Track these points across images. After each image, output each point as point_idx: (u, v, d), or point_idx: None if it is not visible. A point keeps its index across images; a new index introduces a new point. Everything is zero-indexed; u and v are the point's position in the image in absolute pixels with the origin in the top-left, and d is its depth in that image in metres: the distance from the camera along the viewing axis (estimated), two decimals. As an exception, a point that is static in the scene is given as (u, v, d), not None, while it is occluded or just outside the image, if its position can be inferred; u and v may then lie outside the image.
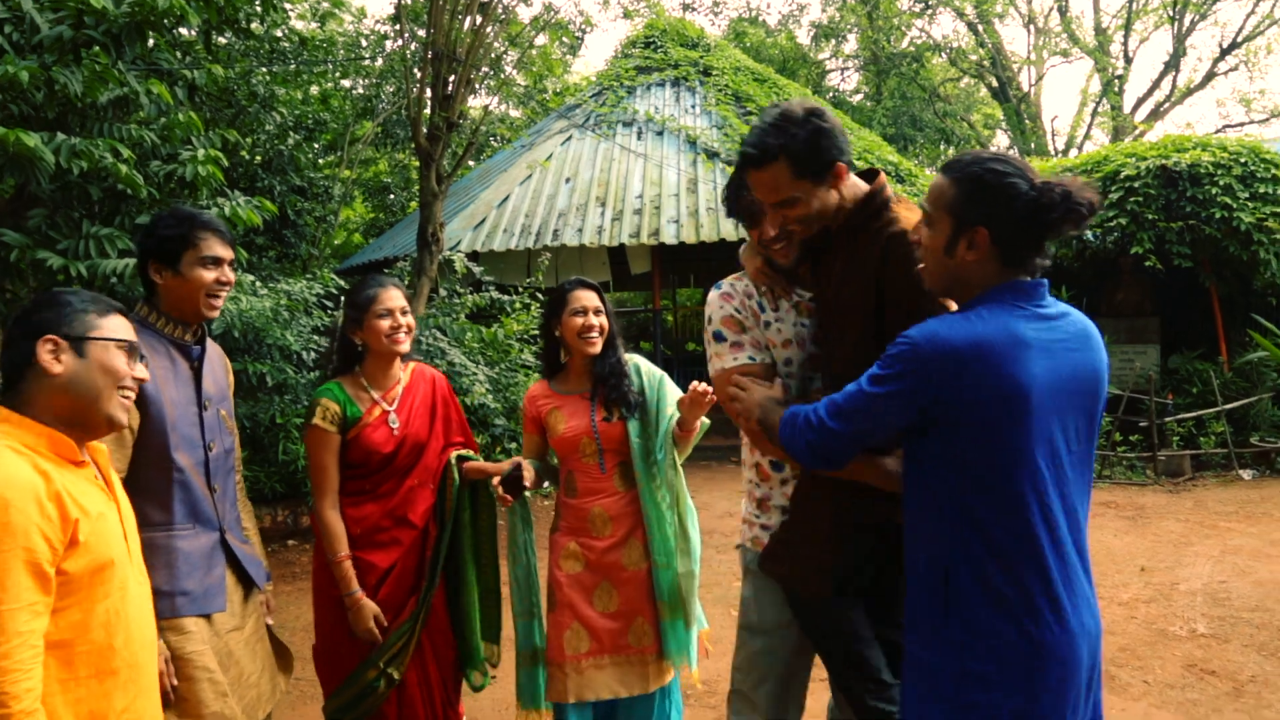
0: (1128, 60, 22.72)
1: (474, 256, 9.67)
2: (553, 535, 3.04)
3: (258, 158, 8.46)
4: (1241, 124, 22.78)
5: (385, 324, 2.82)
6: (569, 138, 12.15)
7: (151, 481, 2.24)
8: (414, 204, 16.55)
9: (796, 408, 1.88)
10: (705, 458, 9.52)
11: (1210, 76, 22.65)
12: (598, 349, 2.91)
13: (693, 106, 12.78)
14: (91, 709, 1.63)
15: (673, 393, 3.01)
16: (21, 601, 1.49)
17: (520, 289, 8.79)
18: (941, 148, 21.36)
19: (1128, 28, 22.41)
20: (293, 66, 8.97)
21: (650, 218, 10.59)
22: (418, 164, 16.45)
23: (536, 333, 8.39)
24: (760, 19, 24.05)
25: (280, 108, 8.74)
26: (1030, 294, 1.72)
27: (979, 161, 1.71)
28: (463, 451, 2.99)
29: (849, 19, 22.80)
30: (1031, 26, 23.64)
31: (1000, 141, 25.34)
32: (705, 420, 2.93)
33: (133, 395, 1.78)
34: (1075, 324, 1.75)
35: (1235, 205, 8.63)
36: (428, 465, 2.93)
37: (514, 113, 15.95)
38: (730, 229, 10.23)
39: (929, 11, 22.55)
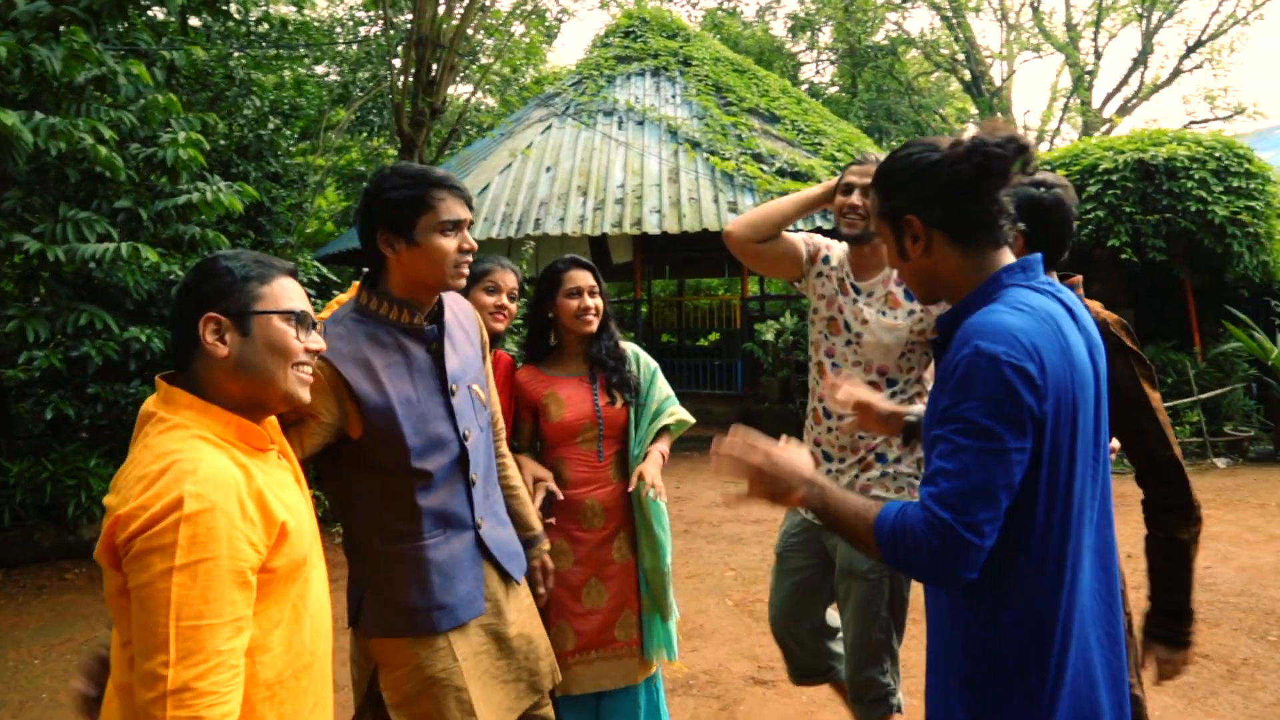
0: (1097, 56, 23.00)
1: (454, 245, 9.55)
2: None
3: (236, 141, 8.29)
4: (1206, 120, 23.08)
5: (489, 299, 2.75)
6: (549, 126, 12.06)
7: (394, 493, 1.98)
8: (388, 193, 16.40)
9: (894, 518, 1.43)
10: (688, 448, 9.50)
11: (1177, 73, 22.95)
12: (594, 329, 2.83)
13: (673, 96, 12.74)
14: (292, 709, 1.51)
15: (663, 387, 2.98)
16: (224, 617, 1.32)
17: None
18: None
19: (1098, 24, 22.66)
20: (271, 51, 8.81)
21: (632, 207, 10.54)
22: (394, 152, 16.41)
23: (519, 321, 8.34)
24: (738, 10, 24.03)
25: (258, 92, 8.57)
26: (1027, 272, 1.55)
27: (889, 159, 1.63)
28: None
29: (825, 11, 22.84)
30: (1004, 22, 23.83)
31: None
32: (688, 418, 2.97)
33: (311, 367, 1.58)
34: (1068, 299, 1.59)
35: (1210, 199, 8.73)
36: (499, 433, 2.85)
37: (489, 101, 15.85)
38: (713, 219, 10.22)
39: (904, 5, 22.65)
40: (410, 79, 8.16)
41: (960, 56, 23.42)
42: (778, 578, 2.89)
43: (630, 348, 2.97)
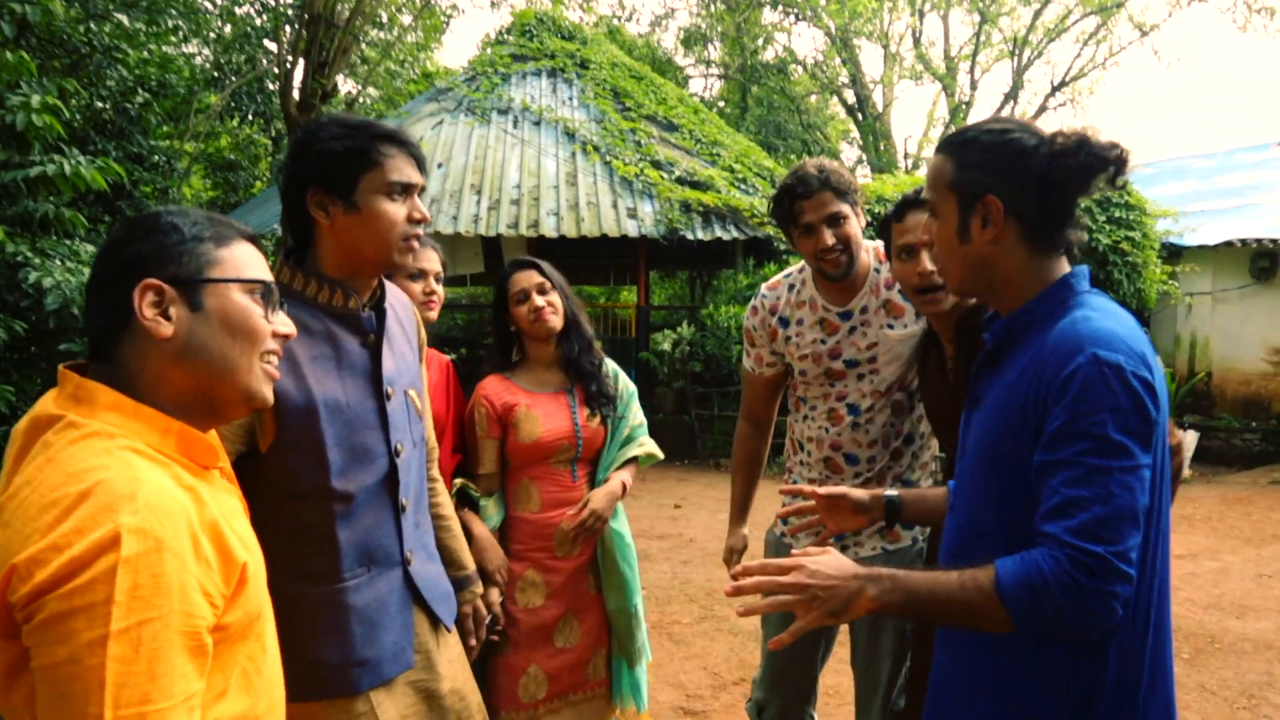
0: (973, 88, 24.01)
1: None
2: None
3: (95, 115, 7.49)
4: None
5: (416, 287, 2.36)
6: (440, 121, 11.54)
7: (308, 521, 1.60)
8: (260, 184, 15.45)
9: (1014, 573, 1.23)
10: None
11: (1043, 109, 24.19)
12: (557, 326, 2.53)
13: (570, 99, 12.44)
14: None
15: (638, 414, 2.72)
16: (177, 696, 0.97)
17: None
18: (805, 158, 21.91)
19: (974, 58, 23.67)
20: (141, 19, 8.04)
21: (529, 209, 10.17)
22: (267, 140, 15.46)
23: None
24: (633, 17, 23.99)
25: (123, 62, 7.80)
26: (1085, 283, 1.42)
27: (974, 128, 1.46)
28: (466, 485, 2.51)
29: (716, 27, 23.04)
30: (886, 49, 24.61)
31: (852, 156, 26.28)
32: (656, 452, 2.73)
33: (278, 358, 1.25)
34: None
35: (1094, 228, 9.08)
36: (445, 456, 2.44)
37: (372, 92, 15.15)
38: (612, 225, 9.96)
39: (793, 25, 23.10)
40: (300, 60, 7.57)
41: (845, 79, 24.03)
42: (780, 627, 2.57)
43: (610, 365, 2.68)
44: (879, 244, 2.40)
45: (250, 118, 14.55)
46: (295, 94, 7.56)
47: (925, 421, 2.44)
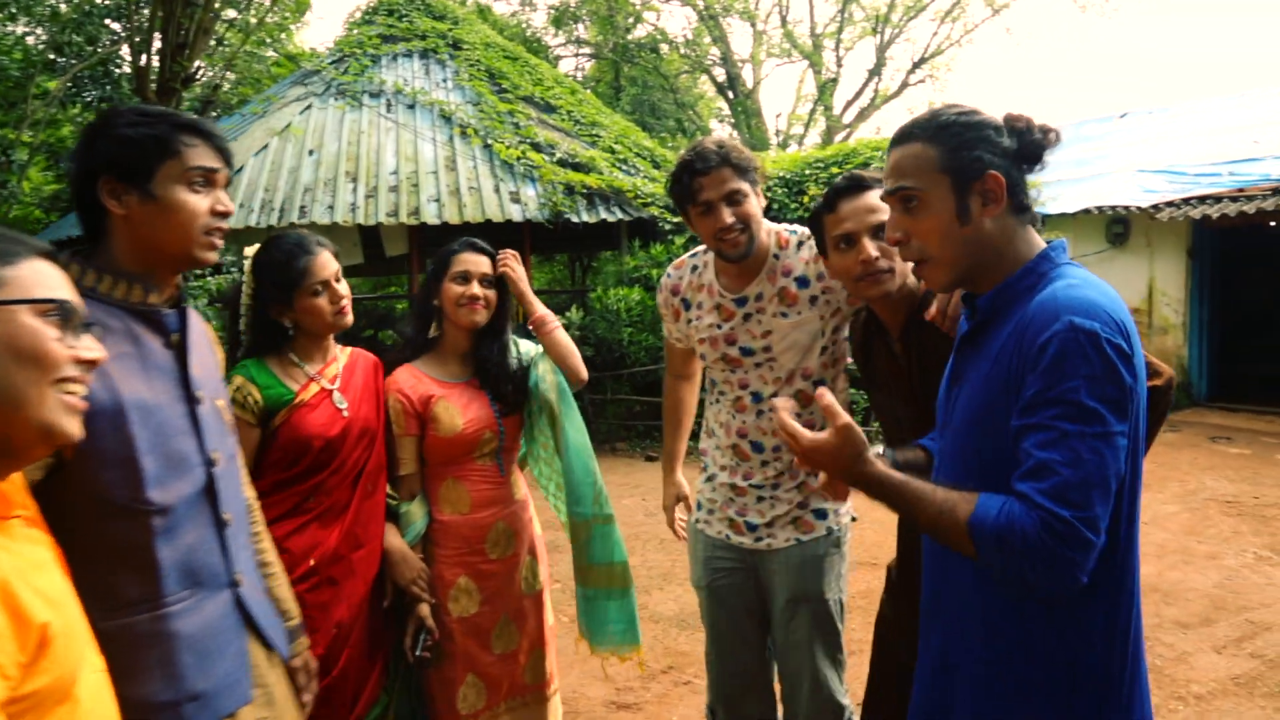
0: (838, 65, 24.66)
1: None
2: (432, 568, 2.40)
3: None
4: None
5: (323, 301, 2.17)
6: (308, 106, 11.02)
7: (121, 540, 1.42)
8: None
9: (994, 514, 1.27)
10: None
11: (904, 86, 25.08)
12: (481, 322, 2.42)
13: (444, 81, 12.09)
14: None
15: (546, 362, 2.56)
16: None
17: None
18: (679, 138, 21.97)
19: (839, 36, 24.29)
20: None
21: (408, 196, 9.84)
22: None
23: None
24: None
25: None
26: (1064, 255, 1.47)
27: (938, 116, 1.46)
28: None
29: (588, 6, 22.84)
30: (754, 26, 24.96)
31: (723, 135, 26.60)
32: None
33: (83, 388, 1.12)
34: None
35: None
36: (381, 464, 2.28)
37: (232, 76, 14.33)
38: (495, 210, 9.75)
39: (664, 3, 23.15)
40: (153, 42, 7.05)
41: (715, 58, 24.26)
42: (714, 612, 2.53)
43: (513, 344, 2.56)
44: (781, 228, 2.38)
45: (94, 104, 13.58)
46: (153, 79, 7.04)
47: None
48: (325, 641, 2.10)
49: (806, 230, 2.33)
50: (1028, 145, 1.41)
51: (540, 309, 2.50)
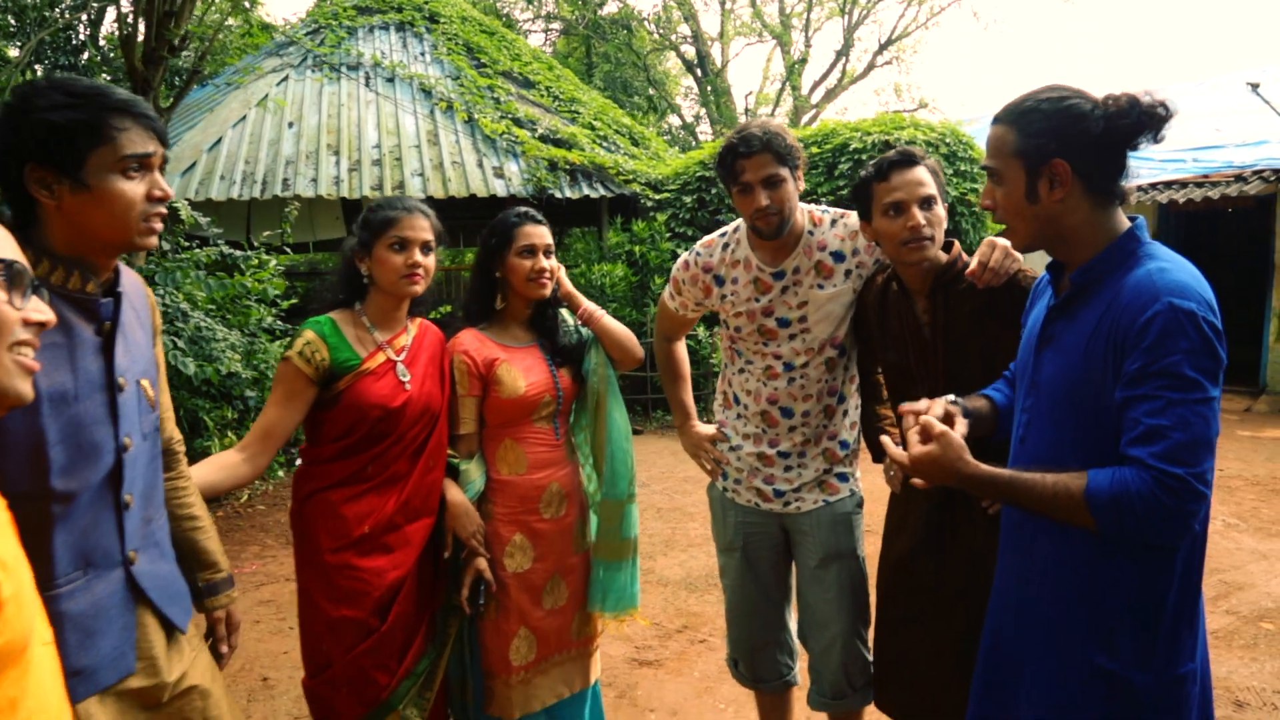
0: (807, 45, 24.78)
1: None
2: (488, 525, 2.48)
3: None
4: (898, 112, 25.73)
5: (399, 259, 2.23)
6: (285, 78, 10.92)
7: (19, 527, 1.34)
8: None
9: (1108, 485, 1.41)
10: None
11: (871, 68, 25.31)
12: (549, 291, 2.50)
13: (422, 54, 12.02)
14: None
15: (599, 354, 2.66)
16: None
17: (257, 244, 7.75)
18: (651, 116, 22.02)
19: (808, 16, 24.41)
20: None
21: (392, 170, 9.82)
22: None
23: (276, 294, 7.48)
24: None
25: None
26: (1146, 234, 1.60)
27: (1031, 98, 1.60)
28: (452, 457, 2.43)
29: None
30: (724, 5, 24.98)
31: (690, 114, 26.65)
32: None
33: (33, 350, 1.11)
34: None
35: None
36: (442, 442, 2.34)
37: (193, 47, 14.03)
38: (479, 184, 9.77)
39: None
40: (143, 6, 6.95)
41: (686, 34, 24.25)
42: (743, 574, 2.67)
43: (565, 315, 2.65)
44: (813, 208, 2.52)
45: (60, 70, 13.26)
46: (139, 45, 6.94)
47: (855, 381, 2.59)
48: (376, 599, 2.19)
49: (840, 210, 2.51)
50: (1116, 129, 1.51)
51: (585, 302, 2.60)
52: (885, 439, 1.72)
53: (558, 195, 9.99)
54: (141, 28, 7.03)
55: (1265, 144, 10.65)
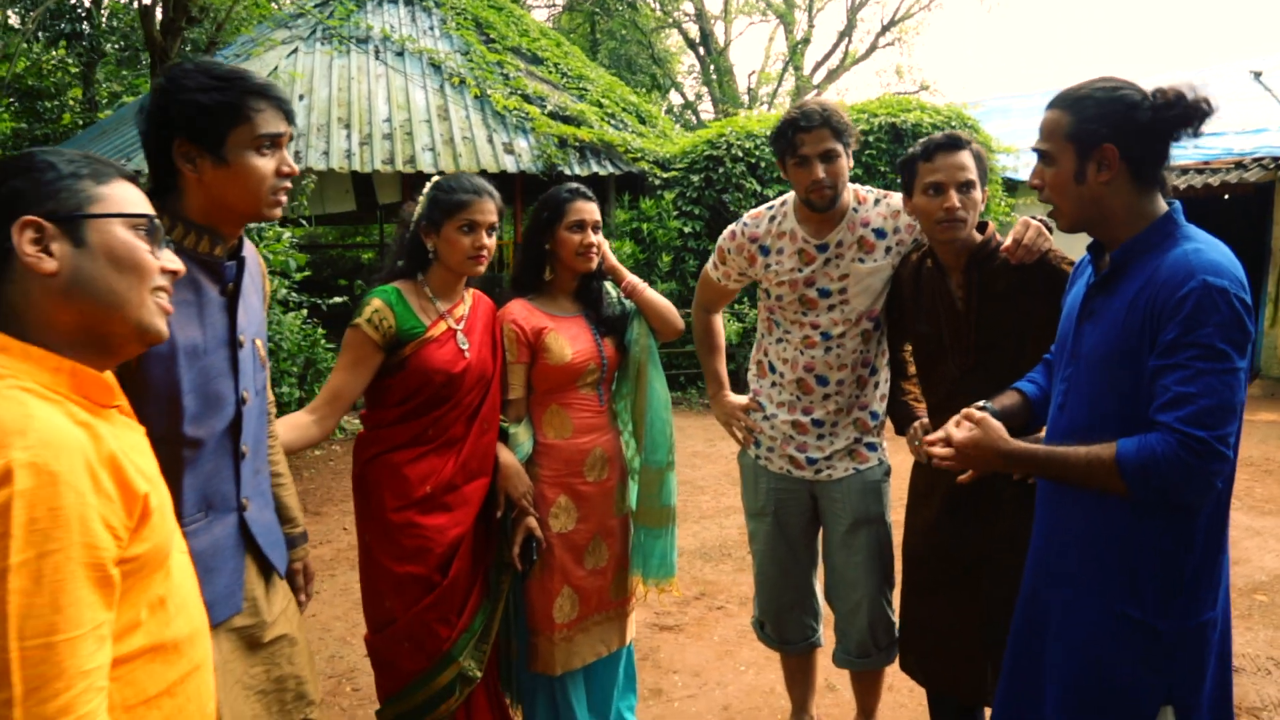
0: (810, 25, 24.75)
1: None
2: (535, 487, 2.60)
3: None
4: (899, 94, 25.73)
5: (467, 240, 2.34)
6: (295, 50, 10.92)
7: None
8: (67, 116, 14.03)
9: (1135, 451, 1.54)
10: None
11: (873, 49, 25.32)
12: (595, 265, 2.61)
13: (431, 29, 12.03)
14: None
15: (641, 325, 2.79)
16: (85, 625, 0.98)
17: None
18: (654, 94, 22.01)
19: (811, -5, 24.37)
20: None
21: (403, 144, 9.87)
22: (77, 68, 14.06)
23: (299, 266, 7.53)
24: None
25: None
26: (1183, 218, 1.72)
27: (1086, 86, 1.73)
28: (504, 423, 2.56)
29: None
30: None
31: (690, 92, 26.60)
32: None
33: (169, 295, 1.23)
34: None
35: (947, 162, 9.76)
36: (495, 406, 2.47)
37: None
38: (489, 160, 9.84)
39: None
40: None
41: (690, 13, 24.19)
42: (774, 538, 2.81)
43: (609, 287, 2.77)
44: (857, 187, 2.65)
45: (67, 40, 13.24)
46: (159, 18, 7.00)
47: (886, 355, 2.72)
48: (438, 555, 2.33)
49: (882, 191, 2.65)
50: (1163, 120, 1.63)
51: (629, 275, 2.72)
52: (922, 429, 1.83)
53: (567, 172, 10.06)
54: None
55: (1265, 132, 10.77)
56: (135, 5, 14.18)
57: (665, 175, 10.29)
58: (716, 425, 7.72)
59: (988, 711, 2.54)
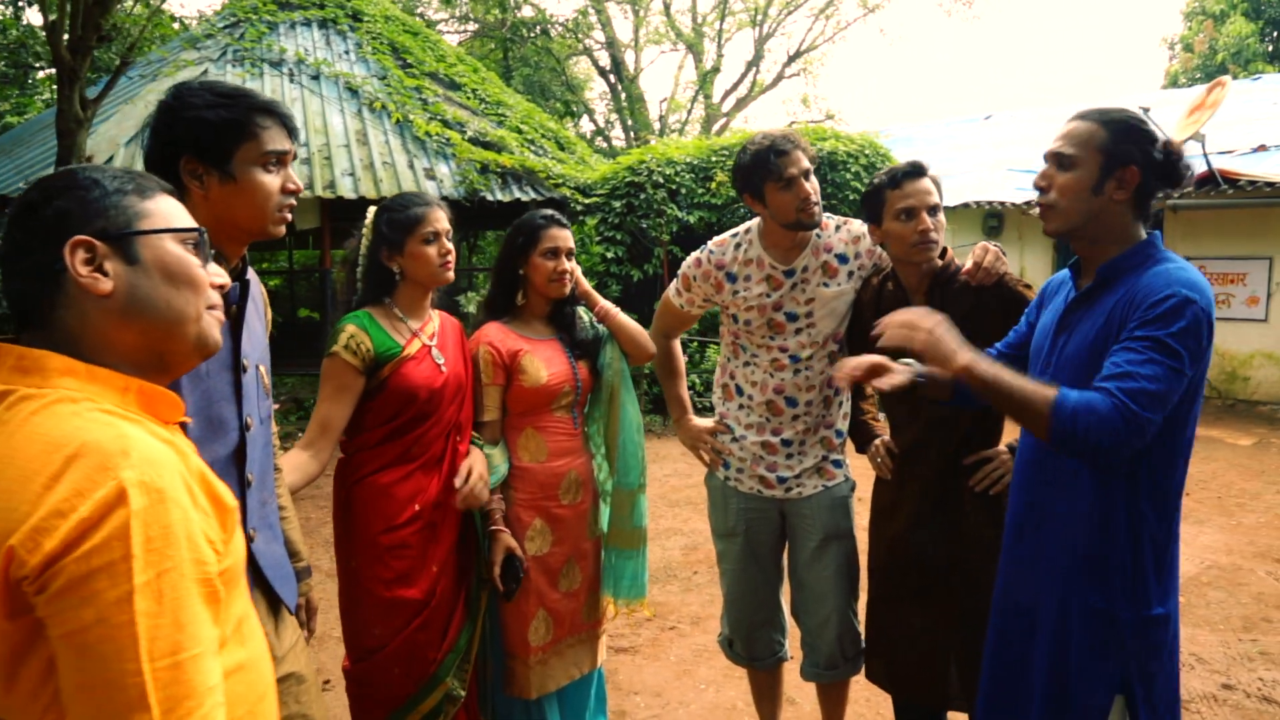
0: (719, 55, 25.29)
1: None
2: (510, 510, 2.61)
3: None
4: (811, 122, 26.47)
5: (433, 250, 2.36)
6: (204, 71, 10.64)
7: None
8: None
9: (1075, 397, 1.67)
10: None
11: (779, 78, 26.00)
12: (568, 291, 2.65)
13: (346, 53, 11.88)
14: None
15: (614, 349, 2.83)
16: (204, 642, 0.97)
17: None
18: (567, 122, 22.12)
19: (720, 26, 24.92)
20: None
21: (322, 169, 9.70)
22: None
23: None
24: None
25: None
26: (1162, 243, 1.88)
27: (1119, 111, 1.87)
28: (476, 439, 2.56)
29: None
30: (638, 13, 25.26)
31: (603, 118, 26.84)
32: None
33: (219, 307, 1.21)
34: None
35: (863, 189, 10.10)
36: (469, 416, 2.48)
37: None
38: (410, 184, 9.74)
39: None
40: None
41: (600, 41, 24.45)
42: (745, 558, 2.86)
43: (581, 311, 2.81)
44: (835, 219, 2.75)
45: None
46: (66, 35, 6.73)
47: None
48: (427, 576, 2.32)
49: (841, 217, 2.76)
50: (1170, 166, 1.80)
51: (602, 300, 2.77)
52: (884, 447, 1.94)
53: (490, 198, 10.03)
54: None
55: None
56: (27, 22, 13.67)
57: (587, 201, 10.35)
58: (655, 449, 7.78)
59: (950, 715, 2.65)
